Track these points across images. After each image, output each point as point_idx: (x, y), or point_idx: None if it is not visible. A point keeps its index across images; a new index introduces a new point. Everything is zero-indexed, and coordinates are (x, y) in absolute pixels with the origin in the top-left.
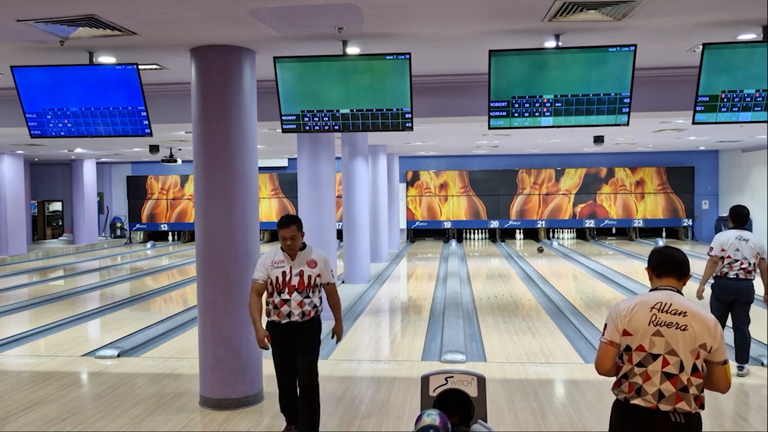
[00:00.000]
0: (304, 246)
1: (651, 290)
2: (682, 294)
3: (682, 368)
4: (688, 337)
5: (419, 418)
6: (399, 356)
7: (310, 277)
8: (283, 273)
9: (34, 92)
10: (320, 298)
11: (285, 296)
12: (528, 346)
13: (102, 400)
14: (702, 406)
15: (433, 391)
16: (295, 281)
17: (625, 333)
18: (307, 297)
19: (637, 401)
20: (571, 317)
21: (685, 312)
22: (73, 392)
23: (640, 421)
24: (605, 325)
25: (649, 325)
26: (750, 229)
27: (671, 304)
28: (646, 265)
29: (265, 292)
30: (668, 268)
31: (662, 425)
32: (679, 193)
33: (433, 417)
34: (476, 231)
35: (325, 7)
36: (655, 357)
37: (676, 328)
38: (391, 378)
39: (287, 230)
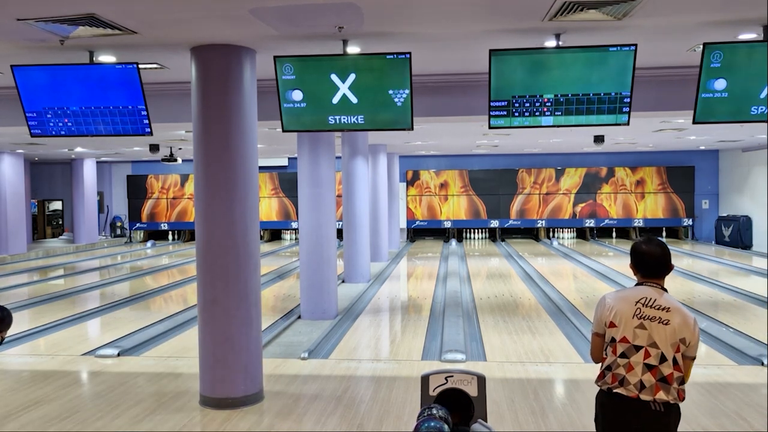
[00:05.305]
0: None
1: (637, 284)
2: (665, 290)
3: (662, 360)
4: (669, 331)
5: (420, 416)
6: (399, 356)
7: None
8: None
9: (34, 91)
10: None
11: None
12: (528, 345)
13: (102, 399)
14: (682, 399)
15: (433, 391)
16: None
17: (611, 325)
18: None
19: (619, 390)
20: (571, 317)
21: (668, 308)
22: (73, 391)
23: (622, 408)
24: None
25: (633, 318)
26: (750, 231)
27: (655, 300)
28: (630, 262)
29: None
30: (648, 270)
31: (643, 413)
32: (680, 193)
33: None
34: (476, 230)
35: (326, 7)
36: (637, 348)
37: (659, 323)
38: (391, 377)
39: None
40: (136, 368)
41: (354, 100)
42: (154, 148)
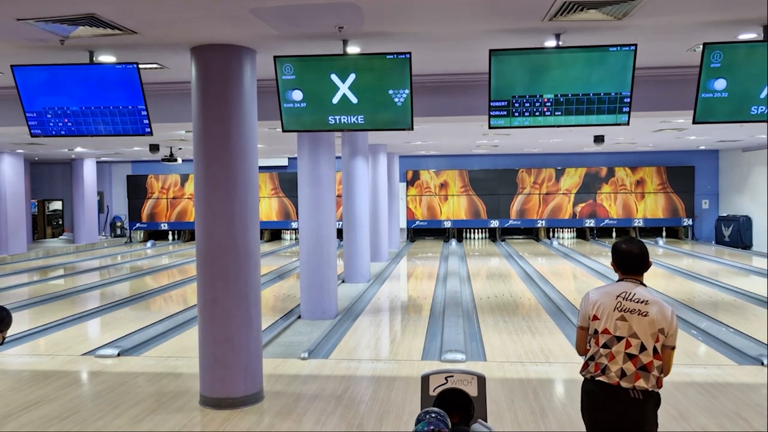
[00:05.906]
0: None
1: (618, 281)
2: (644, 285)
3: (642, 350)
4: (647, 322)
5: (419, 421)
6: (399, 356)
7: None
8: None
9: (34, 91)
10: None
11: None
12: (528, 345)
13: (102, 399)
14: (660, 386)
15: (433, 391)
16: None
17: (594, 318)
18: None
19: (601, 378)
20: (571, 317)
21: (647, 301)
22: (73, 391)
23: (604, 395)
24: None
25: (614, 310)
26: (750, 231)
27: (634, 294)
28: (611, 261)
29: None
30: (628, 267)
31: (622, 399)
32: (679, 193)
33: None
34: (476, 230)
35: (326, 6)
36: (619, 339)
37: (638, 315)
38: (391, 377)
39: None
40: (136, 368)
41: (354, 100)
42: (154, 148)
